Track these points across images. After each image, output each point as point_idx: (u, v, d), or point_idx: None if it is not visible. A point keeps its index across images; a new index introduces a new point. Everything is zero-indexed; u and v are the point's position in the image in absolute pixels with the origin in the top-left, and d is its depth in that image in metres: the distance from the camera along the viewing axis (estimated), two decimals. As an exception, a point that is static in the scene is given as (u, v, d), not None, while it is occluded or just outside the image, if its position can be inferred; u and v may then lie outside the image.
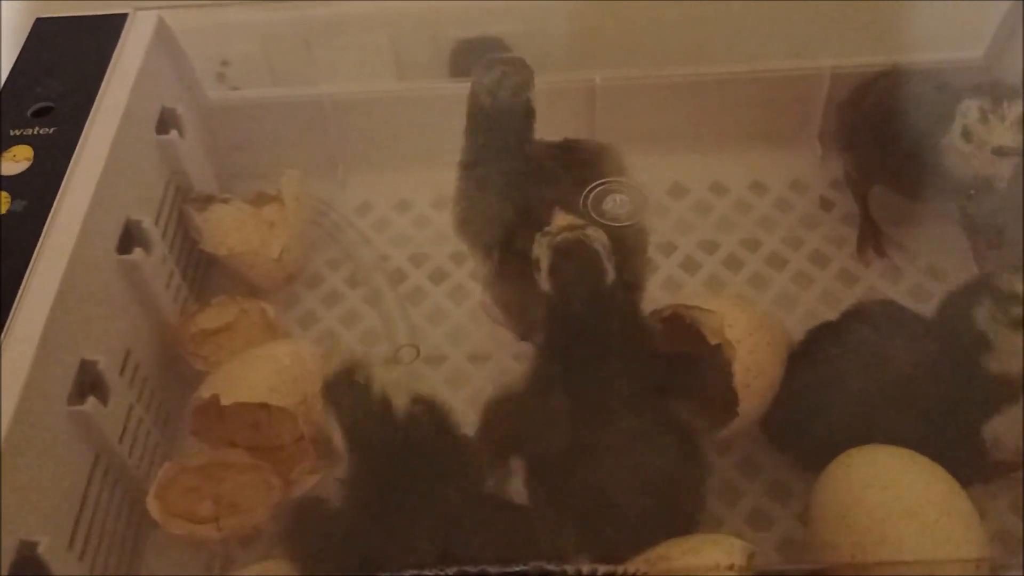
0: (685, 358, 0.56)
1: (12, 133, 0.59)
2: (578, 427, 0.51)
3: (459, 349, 0.67)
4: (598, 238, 0.51)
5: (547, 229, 0.52)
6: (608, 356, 0.51)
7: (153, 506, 0.56)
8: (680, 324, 0.58)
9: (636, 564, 0.45)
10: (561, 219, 0.53)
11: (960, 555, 0.46)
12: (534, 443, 0.51)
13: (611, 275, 0.51)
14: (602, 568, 0.42)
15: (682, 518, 0.52)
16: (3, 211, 0.55)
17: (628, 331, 0.52)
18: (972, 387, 0.53)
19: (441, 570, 0.40)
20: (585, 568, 0.41)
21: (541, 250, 0.51)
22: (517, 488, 0.51)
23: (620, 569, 0.43)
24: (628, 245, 0.56)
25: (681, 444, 0.52)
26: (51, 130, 0.60)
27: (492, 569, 0.40)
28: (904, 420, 0.54)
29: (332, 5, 0.80)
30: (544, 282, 0.51)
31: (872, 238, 0.70)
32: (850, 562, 0.48)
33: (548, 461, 0.51)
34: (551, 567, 0.41)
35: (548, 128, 0.74)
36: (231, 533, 0.57)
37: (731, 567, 0.42)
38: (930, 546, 0.47)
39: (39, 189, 0.56)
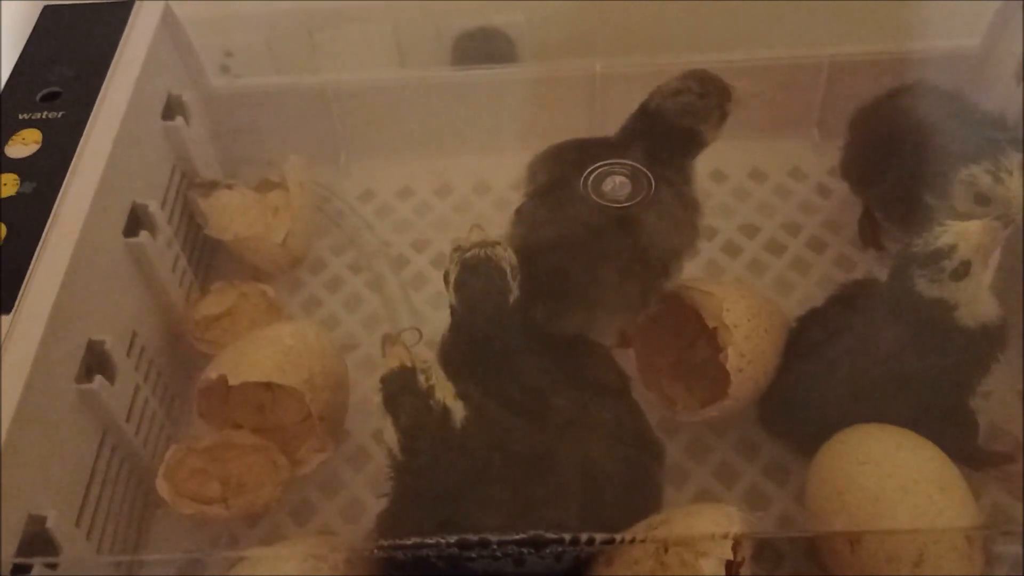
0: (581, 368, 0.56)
1: (21, 117, 0.60)
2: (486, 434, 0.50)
3: (460, 333, 0.68)
4: (505, 257, 0.52)
5: (459, 244, 0.53)
6: (508, 368, 0.52)
7: (162, 487, 0.57)
8: (681, 304, 0.58)
9: (635, 531, 0.45)
10: (475, 235, 0.53)
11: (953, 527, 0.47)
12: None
13: (514, 294, 0.52)
14: (600, 535, 0.42)
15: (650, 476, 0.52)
16: (13, 193, 0.56)
17: (529, 346, 0.53)
18: (957, 354, 0.54)
19: (443, 537, 0.41)
20: (583, 536, 0.42)
21: (451, 265, 0.52)
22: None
23: (618, 536, 0.43)
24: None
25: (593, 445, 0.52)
26: (59, 114, 0.60)
27: (492, 536, 0.41)
28: (896, 406, 0.55)
29: (335, -2, 0.81)
30: (451, 296, 0.53)
31: (871, 232, 0.70)
32: (844, 531, 0.48)
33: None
34: (550, 535, 0.41)
35: (548, 116, 0.74)
36: (239, 513, 0.57)
37: (725, 535, 0.43)
38: (924, 522, 0.48)
39: (47, 172, 0.57)
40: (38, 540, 0.48)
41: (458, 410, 0.48)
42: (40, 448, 0.50)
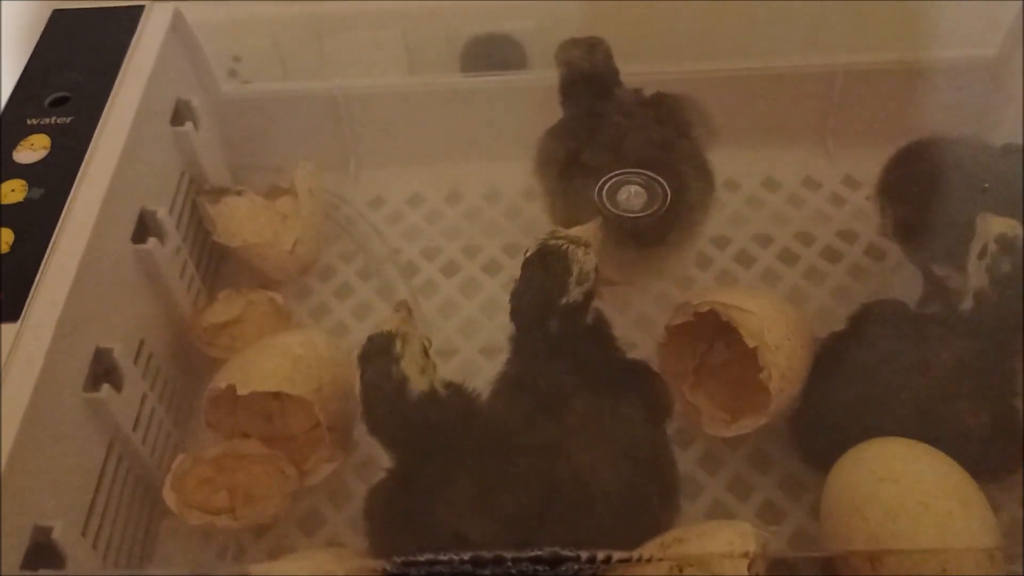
0: (634, 369, 0.56)
1: (29, 122, 0.60)
2: (530, 425, 0.51)
3: (471, 342, 0.67)
4: (580, 260, 0.51)
5: (552, 231, 0.53)
6: (558, 363, 0.52)
7: (169, 497, 0.56)
8: (715, 320, 0.57)
9: (650, 549, 0.45)
10: (576, 229, 0.53)
11: (974, 546, 0.46)
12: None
13: (571, 297, 0.51)
14: (617, 553, 0.42)
15: (649, 507, 0.51)
16: (21, 199, 0.55)
17: (581, 345, 0.53)
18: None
19: (456, 554, 0.40)
20: (600, 553, 0.41)
21: (533, 243, 0.52)
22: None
23: (635, 554, 0.43)
24: None
25: (636, 446, 0.51)
26: (68, 119, 0.60)
27: (507, 553, 0.40)
28: (937, 423, 0.54)
29: (344, 3, 0.80)
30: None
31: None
32: (863, 550, 0.48)
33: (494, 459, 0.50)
34: (566, 552, 0.41)
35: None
36: (247, 523, 0.57)
37: (745, 553, 0.42)
38: (944, 537, 0.47)
39: (56, 178, 0.57)
40: (44, 551, 0.48)
41: (418, 383, 0.49)
42: (46, 457, 0.49)
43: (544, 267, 0.51)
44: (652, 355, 0.60)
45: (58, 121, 0.60)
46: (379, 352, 0.49)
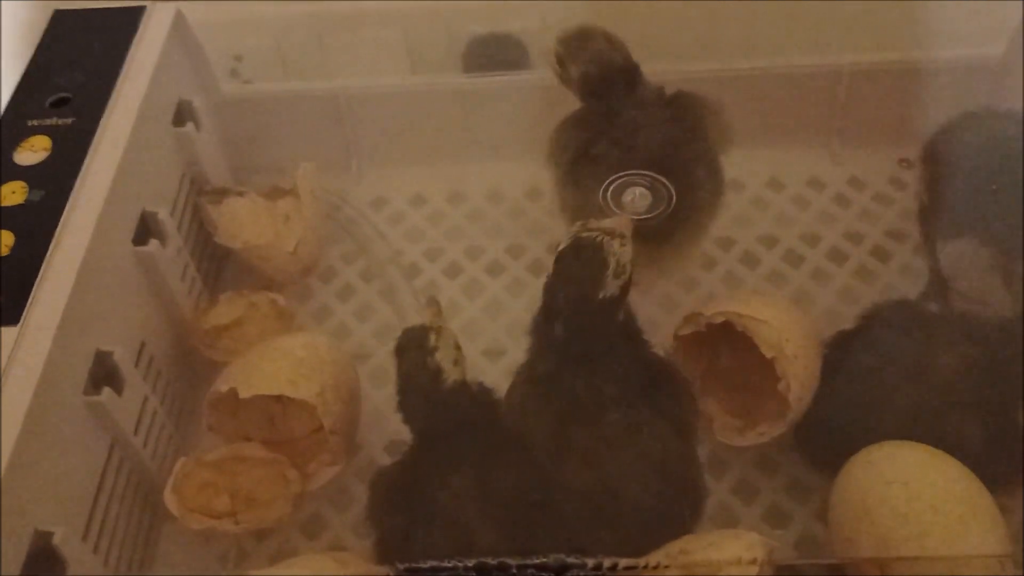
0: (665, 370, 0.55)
1: (30, 123, 0.59)
2: (554, 425, 0.51)
3: (474, 344, 0.66)
4: (616, 252, 0.50)
5: (584, 222, 0.52)
6: (589, 360, 0.51)
7: (170, 501, 0.56)
8: (722, 324, 0.56)
9: (656, 558, 0.44)
10: (608, 220, 0.52)
11: (984, 551, 0.46)
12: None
13: (608, 291, 0.50)
14: (624, 561, 0.41)
15: (678, 518, 0.51)
16: (21, 201, 0.55)
17: (615, 342, 0.52)
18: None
19: (461, 561, 0.40)
20: (607, 561, 0.41)
21: (566, 235, 0.52)
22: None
23: (642, 562, 0.42)
24: None
25: (661, 449, 0.51)
26: (69, 121, 0.59)
27: (512, 561, 0.40)
28: (949, 425, 0.53)
29: (345, 3, 0.80)
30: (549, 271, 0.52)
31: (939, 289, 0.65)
32: (872, 557, 0.47)
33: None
34: (572, 559, 0.40)
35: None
36: (248, 527, 0.56)
37: (753, 561, 0.42)
38: (954, 542, 0.46)
39: (57, 179, 0.56)
40: (44, 556, 0.47)
41: (452, 374, 0.49)
42: (47, 462, 0.49)
43: (580, 260, 0.50)
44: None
45: (59, 122, 0.59)
46: (415, 344, 0.49)
